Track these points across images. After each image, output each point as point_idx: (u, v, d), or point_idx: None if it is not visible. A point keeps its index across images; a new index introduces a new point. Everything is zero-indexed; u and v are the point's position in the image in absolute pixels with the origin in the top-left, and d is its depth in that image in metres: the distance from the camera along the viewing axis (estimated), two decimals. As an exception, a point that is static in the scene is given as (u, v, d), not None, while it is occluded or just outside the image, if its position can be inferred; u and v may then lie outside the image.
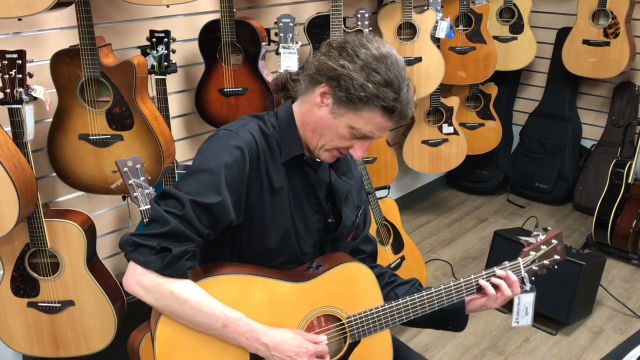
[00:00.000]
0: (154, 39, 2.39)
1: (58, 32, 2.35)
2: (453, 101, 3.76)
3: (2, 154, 1.92)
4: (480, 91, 4.06)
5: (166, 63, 2.40)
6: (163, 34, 2.39)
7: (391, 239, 3.02)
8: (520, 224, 3.79)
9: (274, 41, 2.81)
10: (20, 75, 1.98)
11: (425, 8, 3.37)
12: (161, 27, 2.42)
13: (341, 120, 1.45)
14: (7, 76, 1.97)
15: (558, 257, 1.72)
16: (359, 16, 3.02)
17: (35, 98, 2.05)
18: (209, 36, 2.65)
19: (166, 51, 2.40)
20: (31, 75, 2.03)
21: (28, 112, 2.03)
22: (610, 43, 3.73)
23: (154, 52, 2.39)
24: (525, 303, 1.74)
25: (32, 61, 2.04)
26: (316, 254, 1.64)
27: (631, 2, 3.65)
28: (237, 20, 2.62)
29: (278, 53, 2.77)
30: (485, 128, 4.11)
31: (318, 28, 3.01)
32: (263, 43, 2.66)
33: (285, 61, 2.76)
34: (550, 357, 2.86)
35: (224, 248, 1.57)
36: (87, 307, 2.25)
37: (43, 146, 2.32)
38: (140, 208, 2.00)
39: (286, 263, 1.59)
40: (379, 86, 1.40)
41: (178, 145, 2.67)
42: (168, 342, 1.45)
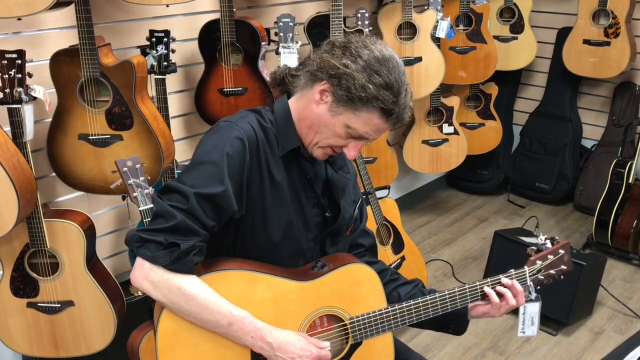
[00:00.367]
0: (154, 39, 2.39)
1: (58, 32, 2.35)
2: (453, 101, 3.76)
3: (2, 154, 1.92)
4: (480, 91, 4.05)
5: (166, 63, 2.40)
6: (163, 34, 2.39)
7: (391, 239, 3.02)
8: (520, 224, 3.79)
9: (274, 41, 2.80)
10: (19, 75, 1.97)
11: (425, 8, 3.37)
12: (161, 27, 2.42)
13: (339, 118, 1.46)
14: (7, 76, 1.96)
15: (565, 268, 1.71)
16: (359, 16, 3.02)
17: (34, 98, 2.04)
18: (209, 36, 2.64)
19: (166, 51, 2.40)
20: (31, 75, 2.03)
21: (27, 112, 2.03)
22: (610, 43, 3.72)
23: (154, 52, 2.38)
24: (531, 312, 1.72)
25: (32, 61, 2.04)
26: (316, 248, 1.64)
27: (632, 2, 3.64)
28: (237, 20, 2.62)
29: (278, 53, 2.77)
30: (485, 128, 4.10)
31: (318, 28, 3.00)
32: (263, 43, 2.66)
33: (285, 61, 2.76)
34: (550, 358, 2.85)
35: (228, 243, 1.56)
36: (87, 308, 2.25)
37: (42, 146, 2.32)
38: (139, 208, 2.00)
39: (290, 258, 1.59)
40: (380, 88, 1.41)
41: (178, 145, 2.67)
42: (170, 336, 1.45)
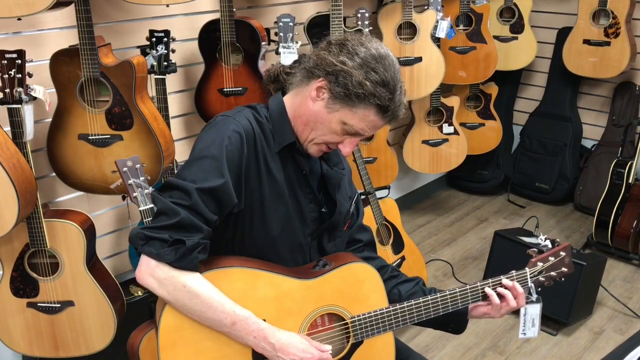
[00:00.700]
0: (154, 39, 2.39)
1: (57, 32, 2.35)
2: (453, 101, 3.76)
3: (2, 154, 1.91)
4: (480, 91, 4.05)
5: (166, 63, 2.40)
6: (163, 34, 2.39)
7: (391, 239, 3.02)
8: (520, 224, 3.78)
9: (274, 41, 2.80)
10: (19, 75, 1.97)
11: (425, 8, 3.36)
12: (161, 27, 2.42)
13: (335, 115, 1.47)
14: (7, 76, 1.96)
15: (566, 270, 1.71)
16: (359, 16, 3.02)
17: (34, 98, 2.04)
18: (209, 36, 2.64)
19: (166, 51, 2.40)
20: (30, 75, 2.03)
21: (27, 112, 2.03)
22: (610, 43, 3.72)
23: (154, 52, 2.38)
24: (531, 314, 1.73)
25: (32, 61, 2.03)
26: (313, 244, 1.65)
27: (632, 2, 3.64)
28: (237, 20, 2.62)
29: (278, 53, 2.77)
30: (485, 128, 4.10)
31: (318, 28, 3.00)
32: (263, 43, 2.66)
33: (285, 61, 2.75)
34: (550, 358, 2.85)
35: (227, 237, 1.56)
36: (87, 308, 2.25)
37: (42, 146, 2.32)
38: (139, 208, 2.00)
39: (288, 253, 1.59)
40: (377, 85, 1.42)
41: (178, 145, 2.67)
42: (172, 333, 1.45)
